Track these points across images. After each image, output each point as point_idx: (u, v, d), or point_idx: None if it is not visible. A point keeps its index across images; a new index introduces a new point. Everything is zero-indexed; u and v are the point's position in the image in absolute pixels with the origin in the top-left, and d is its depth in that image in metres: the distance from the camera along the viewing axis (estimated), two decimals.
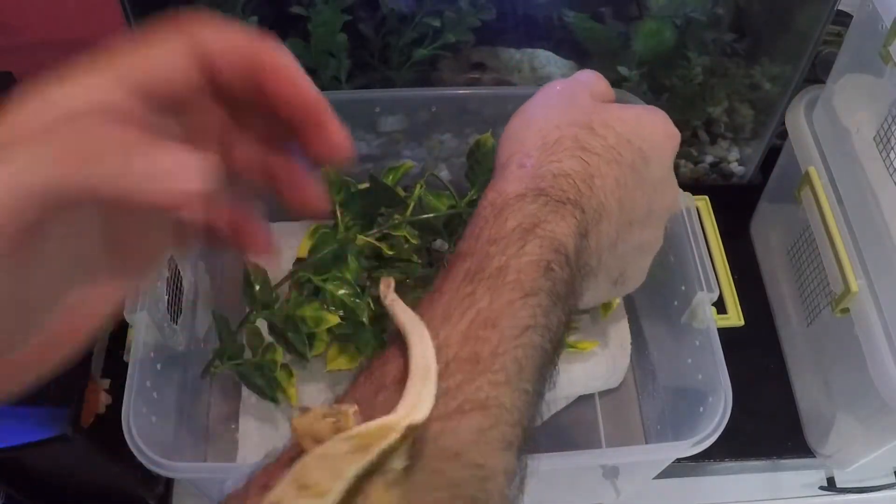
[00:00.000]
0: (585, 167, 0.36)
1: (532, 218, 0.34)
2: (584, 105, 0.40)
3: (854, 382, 0.61)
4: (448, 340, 0.30)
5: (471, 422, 0.29)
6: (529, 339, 0.31)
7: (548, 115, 0.39)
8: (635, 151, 0.39)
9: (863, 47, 0.59)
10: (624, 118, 0.40)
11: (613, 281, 0.41)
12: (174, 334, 0.62)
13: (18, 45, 0.87)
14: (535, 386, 0.32)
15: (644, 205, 0.40)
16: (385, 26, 0.72)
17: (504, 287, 0.32)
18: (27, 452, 0.68)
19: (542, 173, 0.36)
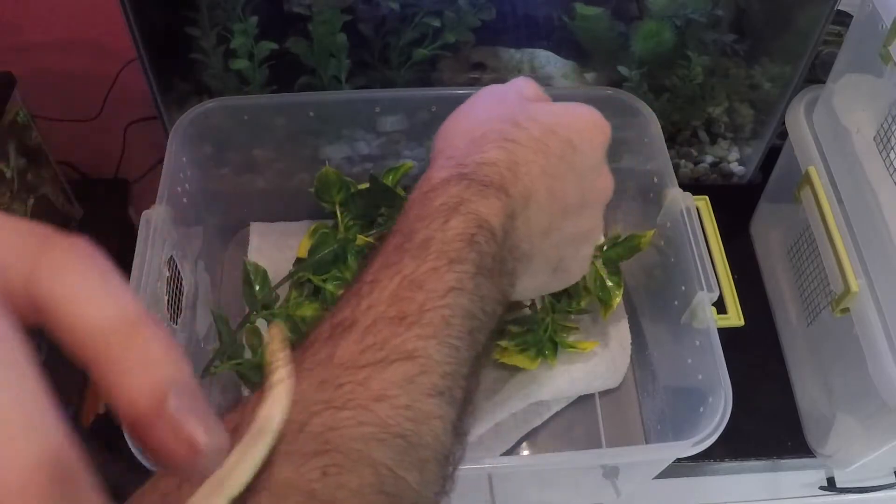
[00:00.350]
0: (510, 156, 0.38)
1: (456, 198, 0.35)
2: (511, 103, 0.42)
3: (854, 382, 0.61)
4: (376, 302, 0.32)
5: (398, 369, 0.30)
6: (455, 300, 0.32)
7: (476, 114, 0.42)
8: (563, 141, 0.40)
9: (863, 47, 0.59)
10: (550, 111, 0.42)
11: (552, 268, 0.42)
12: (174, 334, 0.62)
13: (18, 45, 0.87)
14: (467, 345, 0.33)
15: (576, 193, 0.41)
16: (385, 26, 0.72)
17: (429, 255, 0.33)
18: None
19: (466, 162, 0.38)
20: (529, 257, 0.39)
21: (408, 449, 0.30)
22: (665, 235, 0.65)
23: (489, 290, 0.35)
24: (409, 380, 0.30)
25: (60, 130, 0.82)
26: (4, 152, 0.67)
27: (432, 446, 0.31)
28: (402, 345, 0.31)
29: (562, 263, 0.43)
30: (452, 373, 0.32)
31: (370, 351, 0.30)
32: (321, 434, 0.28)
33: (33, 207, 0.71)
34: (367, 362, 0.30)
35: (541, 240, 0.40)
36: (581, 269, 0.45)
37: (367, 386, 0.30)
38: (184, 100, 0.77)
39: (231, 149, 0.72)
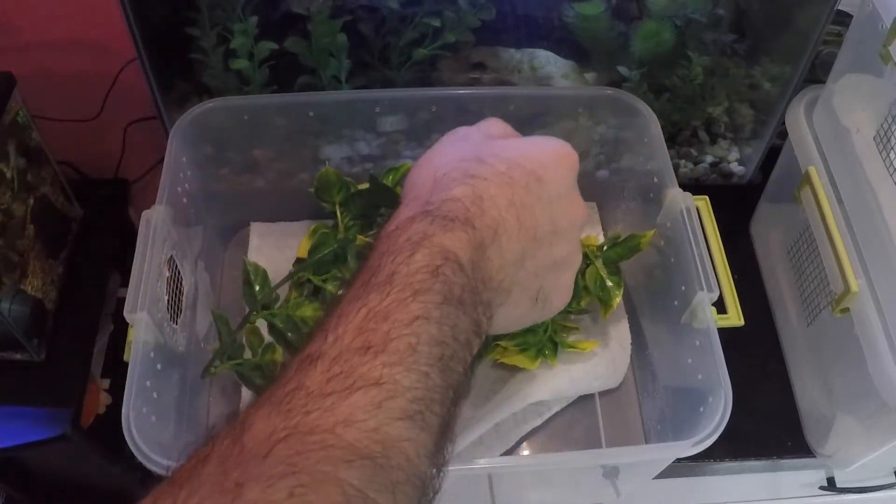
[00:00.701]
0: (474, 191, 0.39)
1: (420, 233, 0.36)
2: (475, 142, 0.44)
3: (854, 382, 0.61)
4: (342, 335, 0.33)
5: (364, 395, 0.31)
6: (421, 328, 0.33)
7: (440, 157, 0.43)
8: (528, 173, 0.41)
9: (863, 47, 0.59)
10: (515, 146, 0.43)
11: (533, 298, 0.43)
12: (174, 334, 0.62)
13: (18, 45, 0.87)
14: (438, 372, 0.33)
15: (546, 221, 0.42)
16: (385, 26, 0.72)
17: (394, 288, 0.34)
18: (27, 452, 0.68)
19: (431, 200, 0.39)
20: (507, 289, 0.40)
21: (377, 471, 0.30)
22: (665, 235, 0.65)
23: (460, 319, 0.35)
24: (377, 405, 0.31)
25: (60, 130, 0.82)
26: (4, 152, 0.67)
27: (405, 469, 0.31)
28: (368, 373, 0.31)
29: (542, 293, 0.43)
30: (423, 398, 0.32)
31: (336, 379, 0.31)
32: (288, 458, 0.29)
33: (33, 207, 0.71)
34: (333, 390, 0.31)
35: (515, 269, 0.40)
36: (562, 298, 0.46)
37: (333, 412, 0.30)
38: (184, 100, 0.77)
39: (231, 149, 0.73)
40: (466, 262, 0.36)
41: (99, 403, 0.78)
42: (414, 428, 0.31)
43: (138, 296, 0.56)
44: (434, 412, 0.32)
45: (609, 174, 0.78)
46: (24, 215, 0.69)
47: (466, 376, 0.36)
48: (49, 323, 0.71)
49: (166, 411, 0.58)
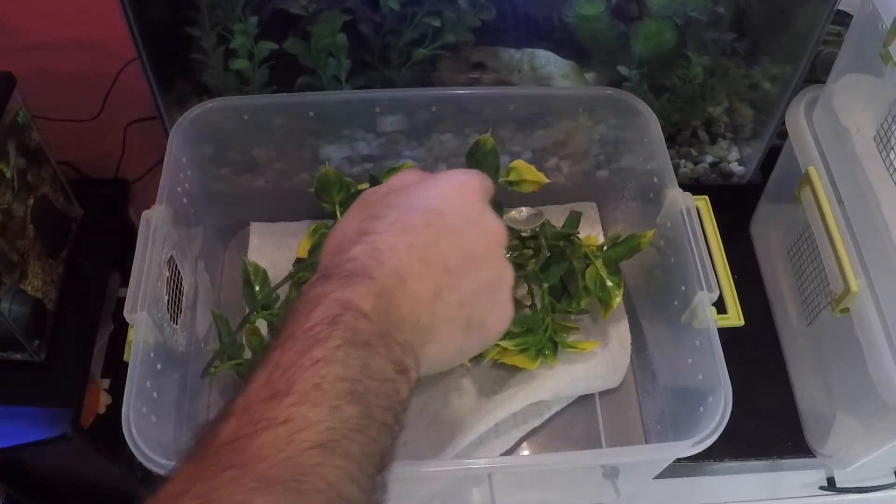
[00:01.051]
0: (370, 247, 0.40)
1: (320, 295, 0.38)
2: (372, 200, 0.45)
3: (854, 382, 0.61)
4: (250, 391, 0.34)
5: (273, 433, 0.32)
6: (324, 369, 0.34)
7: (342, 226, 0.44)
8: (426, 212, 0.42)
9: (863, 47, 0.59)
10: (412, 192, 0.44)
11: (464, 327, 0.43)
12: (174, 334, 0.62)
13: (18, 45, 0.87)
14: (352, 405, 0.34)
15: (458, 251, 0.42)
16: (385, 26, 0.72)
17: (295, 343, 0.35)
18: (27, 452, 0.68)
19: (332, 265, 0.40)
20: (427, 326, 0.40)
21: (292, 495, 0.31)
22: (665, 235, 0.65)
23: (371, 359, 0.36)
24: (287, 439, 0.32)
25: (60, 130, 0.82)
26: (4, 152, 0.67)
27: (325, 492, 0.32)
28: (275, 416, 0.32)
29: (474, 319, 0.44)
30: (336, 428, 0.33)
31: (246, 427, 0.32)
32: (203, 494, 0.30)
33: (33, 207, 0.71)
34: (243, 434, 0.32)
35: (433, 306, 0.41)
36: (500, 318, 0.46)
37: (244, 452, 0.31)
38: (184, 100, 0.77)
39: (231, 149, 0.73)
40: (370, 310, 0.37)
41: (99, 403, 0.78)
42: (331, 455, 0.32)
43: (138, 296, 0.56)
44: (353, 440, 0.33)
45: (609, 174, 0.78)
46: (24, 215, 0.69)
47: (399, 407, 0.37)
48: (49, 323, 0.71)
49: (166, 411, 0.58)
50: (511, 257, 0.68)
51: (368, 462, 0.34)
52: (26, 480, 0.74)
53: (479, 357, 0.67)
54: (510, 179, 0.67)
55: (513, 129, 0.73)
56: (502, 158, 0.67)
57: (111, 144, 0.90)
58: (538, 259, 0.66)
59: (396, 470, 0.59)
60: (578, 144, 0.75)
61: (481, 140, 0.65)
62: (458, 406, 0.67)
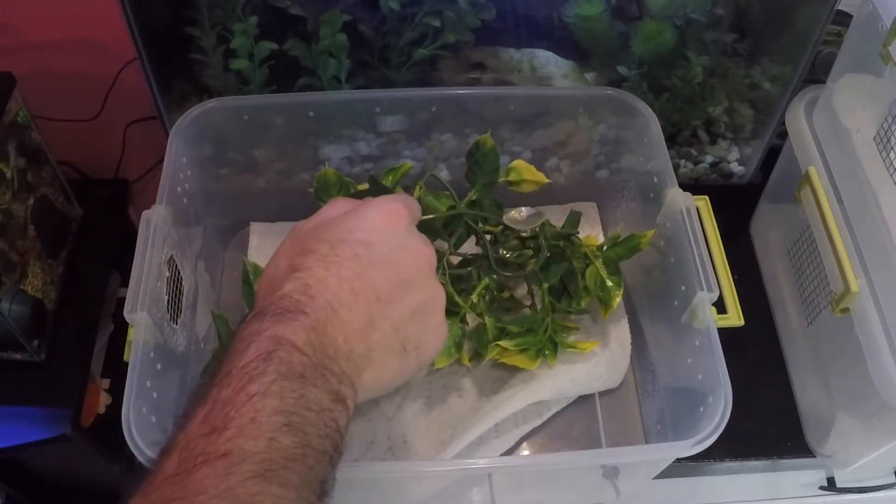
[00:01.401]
0: (300, 283, 0.41)
1: (254, 333, 0.39)
2: (301, 234, 0.46)
3: (854, 382, 0.61)
4: (190, 428, 0.35)
5: (212, 467, 0.33)
6: (260, 402, 0.35)
7: (274, 263, 0.45)
8: (354, 244, 0.43)
9: (863, 47, 0.59)
10: (338, 224, 0.45)
11: (400, 352, 0.44)
12: (174, 334, 0.62)
13: (18, 45, 0.87)
14: (288, 436, 0.35)
15: (387, 279, 0.43)
16: (385, 26, 0.72)
17: (232, 380, 0.36)
18: (27, 452, 0.68)
19: (266, 304, 0.41)
20: (363, 355, 0.42)
21: None
22: (665, 235, 0.65)
23: (307, 391, 0.37)
24: (226, 471, 0.33)
25: (60, 130, 0.82)
26: (4, 152, 0.67)
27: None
28: (214, 450, 0.34)
29: (408, 343, 0.45)
30: (273, 458, 0.34)
31: (186, 461, 0.34)
32: None
33: (33, 207, 0.71)
34: (184, 469, 0.33)
35: (367, 335, 0.42)
36: (435, 339, 0.47)
37: (185, 485, 0.33)
38: (184, 100, 0.77)
39: (231, 149, 0.73)
40: (304, 344, 0.38)
41: (99, 403, 0.78)
42: (270, 485, 0.33)
43: (138, 296, 0.56)
44: (291, 469, 0.35)
45: (609, 174, 0.78)
46: (24, 215, 0.69)
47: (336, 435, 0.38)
48: (49, 323, 0.71)
49: (166, 411, 0.58)
50: (511, 257, 0.68)
51: (307, 489, 0.35)
52: (26, 480, 0.74)
53: (479, 357, 0.67)
54: (510, 179, 0.67)
55: (513, 129, 0.73)
56: (502, 158, 0.67)
57: (111, 144, 0.90)
58: (538, 259, 0.66)
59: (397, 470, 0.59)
60: (578, 144, 0.75)
61: (481, 140, 0.65)
62: (458, 406, 0.67)
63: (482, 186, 0.66)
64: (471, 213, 0.65)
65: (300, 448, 0.35)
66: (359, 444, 0.65)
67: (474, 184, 0.66)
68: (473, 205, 0.66)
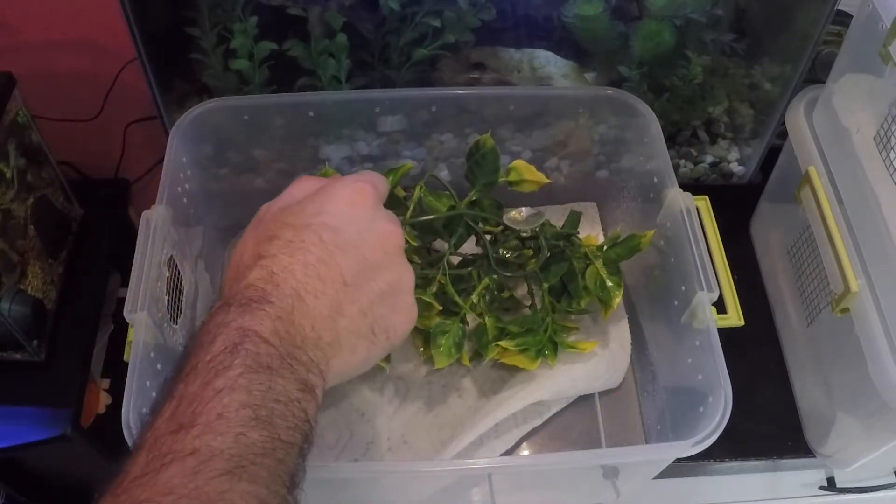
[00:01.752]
0: (265, 271, 0.41)
1: (220, 324, 0.38)
2: (266, 218, 0.46)
3: (854, 382, 0.61)
4: (157, 425, 0.35)
5: (180, 465, 0.33)
6: (227, 397, 0.35)
7: (241, 249, 0.45)
8: (318, 228, 0.43)
9: (863, 47, 0.59)
10: (303, 208, 0.44)
11: (368, 335, 0.44)
12: (174, 334, 0.62)
13: (18, 45, 0.87)
14: (256, 431, 0.35)
15: (354, 263, 0.43)
16: (385, 26, 0.72)
17: (198, 375, 0.36)
18: (27, 452, 0.68)
19: (231, 293, 0.41)
20: (331, 342, 0.41)
21: None
22: (665, 235, 0.65)
23: (275, 382, 0.37)
24: (194, 469, 0.33)
25: (60, 130, 0.82)
26: (4, 152, 0.67)
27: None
28: (181, 448, 0.34)
29: (377, 327, 0.44)
30: (242, 454, 0.34)
31: (154, 461, 0.33)
32: None
33: (33, 207, 0.70)
34: (151, 469, 0.33)
35: (335, 321, 0.42)
36: (404, 321, 0.47)
37: (153, 486, 0.32)
38: (184, 100, 0.77)
39: (231, 149, 0.72)
40: (270, 334, 0.38)
41: (99, 403, 0.78)
42: (237, 481, 0.33)
43: (138, 296, 0.56)
44: (260, 465, 0.34)
45: (609, 174, 0.78)
46: (24, 215, 0.69)
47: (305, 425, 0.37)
48: (49, 323, 0.71)
49: None
50: (511, 257, 0.68)
51: (278, 483, 0.35)
52: (26, 480, 0.74)
53: (479, 357, 0.67)
54: (510, 179, 0.67)
55: (513, 129, 0.73)
56: (502, 158, 0.67)
57: (111, 144, 0.90)
58: (538, 259, 0.66)
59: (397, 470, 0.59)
60: (578, 144, 0.75)
61: (481, 140, 0.65)
62: (458, 406, 0.67)
63: (482, 186, 0.66)
64: (471, 213, 0.65)
65: (269, 442, 0.35)
66: (359, 444, 0.65)
67: (474, 184, 0.66)
68: (473, 205, 0.66)
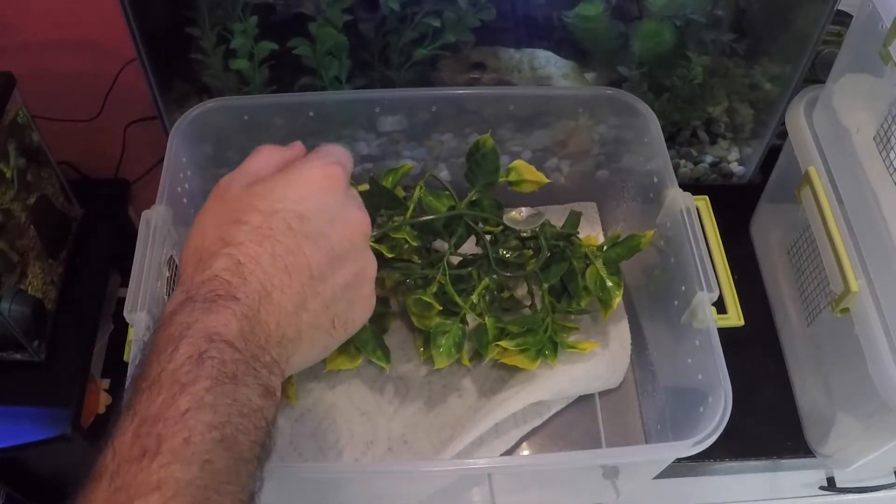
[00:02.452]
0: (231, 260, 0.38)
1: (183, 325, 0.36)
2: (232, 199, 0.42)
3: (854, 382, 0.61)
4: (119, 446, 0.33)
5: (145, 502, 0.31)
6: (193, 418, 0.33)
7: (202, 229, 0.41)
8: (287, 215, 0.40)
9: (863, 47, 0.59)
10: (271, 189, 0.41)
11: (328, 328, 0.43)
12: None
13: (18, 45, 0.87)
14: (220, 454, 0.33)
15: (321, 254, 0.41)
16: (385, 26, 0.72)
17: (162, 388, 0.34)
18: (27, 452, 0.68)
19: (194, 284, 0.38)
20: (293, 337, 0.40)
21: None
22: (665, 235, 0.65)
23: (239, 392, 0.35)
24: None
25: (60, 130, 0.82)
26: (4, 152, 0.67)
27: None
28: (146, 480, 0.32)
29: (338, 320, 0.43)
30: (207, 485, 0.33)
31: (119, 494, 0.31)
32: None
33: (33, 207, 0.70)
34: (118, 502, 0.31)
35: (298, 316, 0.40)
36: (363, 311, 0.46)
37: None
38: (184, 100, 0.77)
39: (231, 149, 0.72)
40: (236, 337, 0.36)
41: (99, 403, 0.78)
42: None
43: (138, 296, 0.56)
44: (224, 491, 0.33)
45: (609, 174, 0.78)
46: (24, 215, 0.69)
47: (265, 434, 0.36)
48: (49, 323, 0.71)
49: None
50: (511, 257, 0.68)
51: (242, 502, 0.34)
52: (26, 480, 0.74)
53: (479, 357, 0.67)
54: (510, 179, 0.67)
55: (513, 129, 0.73)
56: (502, 158, 0.67)
57: (111, 144, 0.90)
58: (538, 259, 0.66)
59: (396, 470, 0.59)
60: (578, 144, 0.75)
61: (481, 140, 0.65)
62: (458, 406, 0.67)
63: (482, 186, 0.66)
64: (471, 214, 0.65)
65: (233, 465, 0.34)
66: (359, 444, 0.65)
67: (474, 184, 0.66)
68: (473, 205, 0.66)
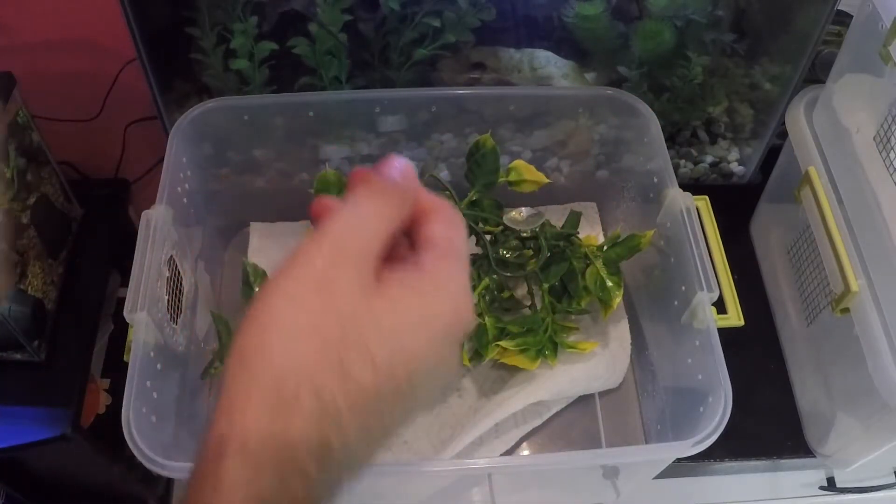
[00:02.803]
0: (319, 431, 0.28)
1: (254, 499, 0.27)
2: (342, 309, 0.29)
3: (854, 382, 0.61)
4: None
5: None
6: None
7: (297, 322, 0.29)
8: (400, 383, 0.30)
9: (863, 47, 0.59)
10: (394, 330, 0.29)
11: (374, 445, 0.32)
12: (174, 334, 0.62)
13: (18, 45, 0.87)
14: None
15: (407, 412, 0.31)
16: (385, 26, 0.72)
17: None
18: (27, 452, 0.68)
19: (261, 437, 0.28)
20: None
21: None
22: (665, 235, 0.65)
23: None
24: None
25: (60, 130, 0.82)
26: (4, 152, 0.67)
27: None
28: None
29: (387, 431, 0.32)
30: None
31: None
32: None
33: (33, 207, 0.70)
34: None
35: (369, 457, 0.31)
36: None
37: None
38: (184, 100, 0.77)
39: (231, 149, 0.73)
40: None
41: (99, 403, 0.78)
42: None
43: (138, 296, 0.56)
44: None
45: (609, 174, 0.78)
46: (23, 215, 0.69)
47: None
48: (49, 323, 0.71)
49: (166, 411, 0.58)
50: (511, 257, 0.68)
51: None
52: (26, 480, 0.74)
53: (479, 357, 0.67)
54: (510, 179, 0.67)
55: (513, 129, 0.73)
56: (502, 158, 0.67)
57: (111, 144, 0.90)
58: (538, 259, 0.66)
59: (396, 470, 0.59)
60: (578, 144, 0.75)
61: (481, 140, 0.65)
62: (458, 406, 0.67)
63: (482, 186, 0.66)
64: (471, 214, 0.65)
65: None
66: None
67: (474, 184, 0.66)
68: (473, 205, 0.66)
